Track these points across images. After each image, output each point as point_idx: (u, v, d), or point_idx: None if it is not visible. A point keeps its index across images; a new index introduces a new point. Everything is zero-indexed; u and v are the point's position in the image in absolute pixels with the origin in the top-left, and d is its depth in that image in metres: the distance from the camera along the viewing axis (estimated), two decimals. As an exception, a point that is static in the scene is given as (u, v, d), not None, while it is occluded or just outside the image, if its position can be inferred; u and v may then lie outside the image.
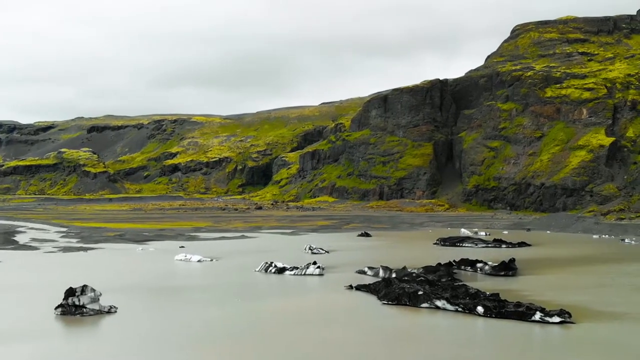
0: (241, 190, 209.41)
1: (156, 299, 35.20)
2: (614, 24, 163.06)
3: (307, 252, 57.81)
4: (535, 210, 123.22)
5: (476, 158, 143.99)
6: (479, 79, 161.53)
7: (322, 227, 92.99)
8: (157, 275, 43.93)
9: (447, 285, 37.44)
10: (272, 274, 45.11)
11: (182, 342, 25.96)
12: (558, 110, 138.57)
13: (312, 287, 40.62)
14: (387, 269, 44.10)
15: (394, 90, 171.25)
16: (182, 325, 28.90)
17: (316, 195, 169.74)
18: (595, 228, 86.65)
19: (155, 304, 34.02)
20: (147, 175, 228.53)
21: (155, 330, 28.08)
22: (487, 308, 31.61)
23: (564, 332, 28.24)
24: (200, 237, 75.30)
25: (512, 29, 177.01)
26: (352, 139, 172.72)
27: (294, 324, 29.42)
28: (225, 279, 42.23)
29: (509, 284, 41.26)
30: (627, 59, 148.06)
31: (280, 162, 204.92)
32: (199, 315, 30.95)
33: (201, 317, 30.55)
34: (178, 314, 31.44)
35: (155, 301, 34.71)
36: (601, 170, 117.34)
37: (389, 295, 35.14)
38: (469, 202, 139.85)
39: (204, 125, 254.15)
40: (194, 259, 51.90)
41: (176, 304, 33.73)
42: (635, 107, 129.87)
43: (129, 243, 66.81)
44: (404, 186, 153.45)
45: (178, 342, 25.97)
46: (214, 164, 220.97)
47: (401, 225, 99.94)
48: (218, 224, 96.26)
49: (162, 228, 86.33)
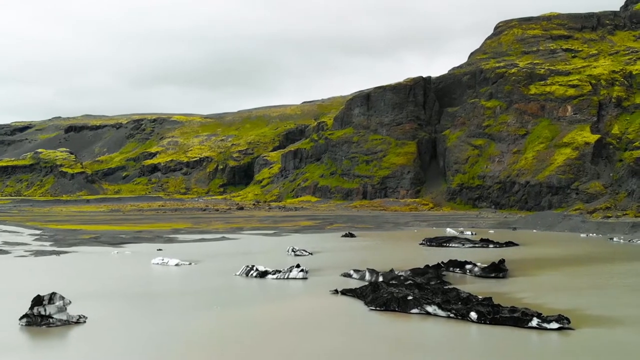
0: (222, 190, 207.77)
1: (130, 307, 33.48)
2: (598, 20, 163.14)
3: (290, 254, 56.49)
4: (520, 209, 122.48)
5: (460, 156, 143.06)
6: (463, 77, 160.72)
7: (305, 228, 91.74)
8: (132, 280, 42.31)
9: (437, 289, 36.01)
10: (254, 278, 43.58)
11: (154, 358, 24.20)
12: (542, 107, 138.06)
13: (295, 292, 39.15)
14: (374, 272, 42.88)
15: (377, 88, 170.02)
16: (156, 338, 27.04)
17: (299, 195, 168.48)
18: (582, 227, 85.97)
19: (128, 312, 32.27)
20: (125, 175, 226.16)
21: (126, 343, 26.27)
22: (481, 314, 30.29)
23: (563, 339, 26.95)
24: (179, 239, 73.58)
25: (495, 26, 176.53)
26: (334, 138, 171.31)
27: (276, 333, 27.93)
28: (204, 285, 40.56)
29: (500, 286, 40.18)
30: (612, 56, 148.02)
31: (262, 161, 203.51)
32: (175, 325, 29.15)
33: (177, 327, 28.77)
34: (152, 324, 29.61)
35: (128, 309, 32.96)
36: (587, 167, 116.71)
37: (376, 301, 33.75)
38: (453, 201, 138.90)
39: (184, 125, 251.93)
40: (172, 263, 50.24)
41: (151, 313, 31.98)
42: (620, 103, 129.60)
43: (104, 246, 64.96)
44: (388, 185, 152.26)
45: (150, 358, 24.21)
46: (195, 163, 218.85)
47: (385, 225, 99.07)
48: (198, 225, 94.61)
49: (140, 230, 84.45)
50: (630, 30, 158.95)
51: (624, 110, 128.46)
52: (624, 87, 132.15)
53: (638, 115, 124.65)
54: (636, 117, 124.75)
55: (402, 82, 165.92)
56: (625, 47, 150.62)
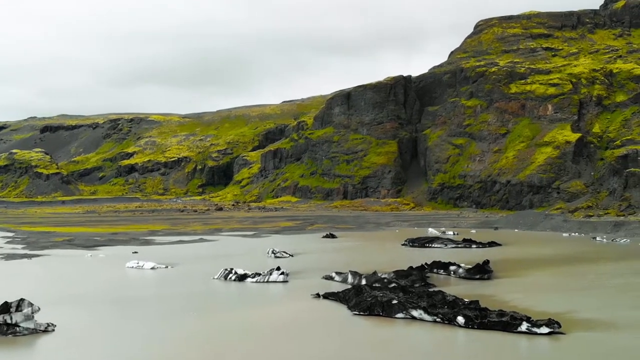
0: (201, 190, 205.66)
1: (101, 314, 31.89)
2: (578, 18, 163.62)
3: (270, 255, 55.06)
4: (501, 208, 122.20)
5: (441, 156, 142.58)
6: (443, 76, 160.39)
7: (285, 229, 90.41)
8: (105, 285, 40.63)
9: (422, 293, 34.88)
10: (232, 281, 42.15)
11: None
12: (523, 106, 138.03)
13: (276, 296, 37.86)
14: (356, 275, 41.72)
15: (358, 87, 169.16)
16: (127, 348, 25.51)
17: (279, 195, 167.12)
18: (564, 226, 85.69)
19: (99, 320, 30.67)
20: (102, 176, 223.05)
21: (95, 353, 24.73)
22: (468, 318, 29.24)
23: (554, 344, 25.94)
24: (155, 241, 71.74)
25: (475, 25, 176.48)
26: (314, 137, 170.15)
27: (256, 340, 26.66)
28: (181, 289, 38.98)
29: (485, 288, 39.26)
30: (592, 54, 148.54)
31: (241, 161, 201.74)
32: (149, 334, 27.64)
33: (151, 336, 27.26)
34: (124, 332, 28.09)
35: (100, 316, 31.37)
36: (568, 166, 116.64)
37: (360, 305, 32.53)
38: (434, 200, 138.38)
39: (162, 124, 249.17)
40: (147, 266, 48.56)
41: (123, 320, 30.45)
42: (600, 102, 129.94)
43: (78, 249, 63.12)
44: (369, 185, 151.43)
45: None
46: (173, 164, 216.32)
47: (367, 225, 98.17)
48: (175, 227, 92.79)
49: (115, 232, 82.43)
50: (610, 28, 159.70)
51: (605, 109, 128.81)
52: (604, 86, 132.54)
53: (619, 114, 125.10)
54: (617, 115, 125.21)
55: (382, 81, 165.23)
56: (606, 46, 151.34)
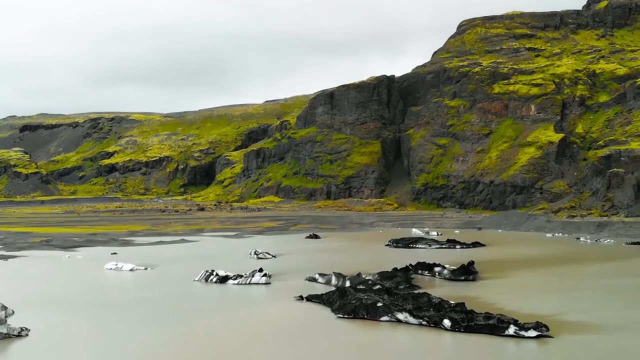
0: (183, 190, 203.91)
1: (78, 318, 30.86)
2: (561, 19, 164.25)
3: (253, 257, 54.18)
4: (484, 208, 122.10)
5: (424, 156, 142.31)
6: (426, 76, 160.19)
7: (268, 229, 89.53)
8: (82, 287, 39.56)
9: (407, 295, 34.21)
10: (214, 283, 41.25)
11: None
12: (506, 106, 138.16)
13: (258, 298, 36.98)
14: (340, 276, 40.95)
15: (341, 86, 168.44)
16: (104, 353, 24.57)
17: (261, 195, 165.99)
18: (547, 226, 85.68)
19: (75, 323, 29.68)
20: (82, 175, 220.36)
21: (71, 359, 23.64)
22: (455, 321, 28.58)
23: (542, 348, 25.38)
24: (135, 242, 70.56)
25: (459, 25, 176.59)
26: (298, 137, 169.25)
27: (237, 344, 25.88)
28: (160, 291, 38.01)
29: (471, 289, 38.71)
30: (575, 55, 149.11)
31: (223, 161, 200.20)
32: (126, 338, 26.68)
33: (128, 341, 26.31)
34: (101, 337, 27.09)
35: (76, 320, 30.38)
36: (551, 167, 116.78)
37: (344, 308, 31.74)
38: (417, 200, 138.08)
39: (143, 124, 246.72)
40: (126, 268, 47.46)
41: (100, 324, 29.40)
42: (583, 102, 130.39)
43: (55, 250, 61.81)
44: (352, 185, 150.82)
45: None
46: (154, 163, 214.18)
47: (350, 225, 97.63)
48: (156, 227, 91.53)
49: (94, 232, 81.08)
50: (593, 29, 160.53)
51: (588, 109, 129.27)
52: (587, 86, 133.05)
53: (601, 114, 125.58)
54: (599, 116, 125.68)
55: (366, 80, 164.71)
56: (588, 46, 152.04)
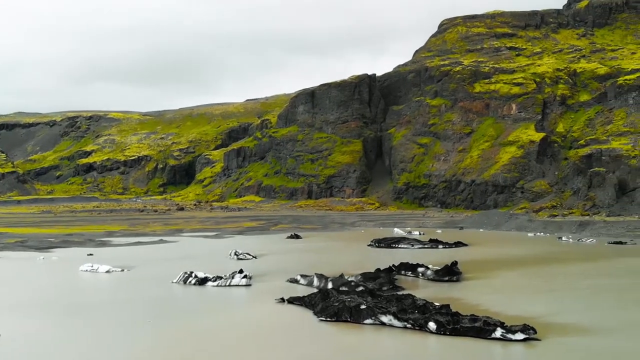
0: (162, 190, 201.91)
1: (50, 322, 29.71)
2: (542, 18, 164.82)
3: (233, 257, 53.15)
4: (466, 207, 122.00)
5: (406, 155, 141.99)
6: (408, 75, 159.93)
7: (248, 229, 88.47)
8: (56, 290, 38.41)
9: (391, 297, 33.50)
10: (192, 285, 40.17)
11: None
12: (487, 105, 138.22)
13: (238, 301, 36.06)
14: (322, 277, 40.13)
15: (322, 85, 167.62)
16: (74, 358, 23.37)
17: (242, 195, 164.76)
18: (529, 226, 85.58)
19: (47, 328, 28.55)
20: (59, 175, 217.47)
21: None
22: (440, 324, 27.89)
23: (530, 351, 24.80)
24: (112, 242, 69.15)
25: (440, 24, 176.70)
26: (278, 136, 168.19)
27: (216, 348, 24.99)
28: (137, 294, 36.93)
29: (455, 290, 38.12)
30: (555, 54, 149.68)
31: (203, 160, 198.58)
32: (100, 343, 25.57)
33: (102, 346, 25.20)
34: (73, 342, 26.00)
35: (48, 324, 29.23)
36: (532, 166, 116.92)
37: (327, 310, 30.91)
38: (399, 200, 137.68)
39: (122, 122, 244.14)
40: (102, 270, 46.19)
41: (73, 329, 28.30)
42: (564, 101, 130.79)
43: (30, 251, 60.25)
44: (334, 184, 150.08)
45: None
46: (133, 162, 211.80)
47: (332, 225, 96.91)
48: (134, 228, 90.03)
49: (71, 233, 79.40)
50: (574, 28, 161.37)
51: (569, 109, 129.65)
52: (568, 85, 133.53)
53: (582, 114, 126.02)
54: (580, 115, 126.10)
55: (347, 79, 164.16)
56: (569, 45, 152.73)
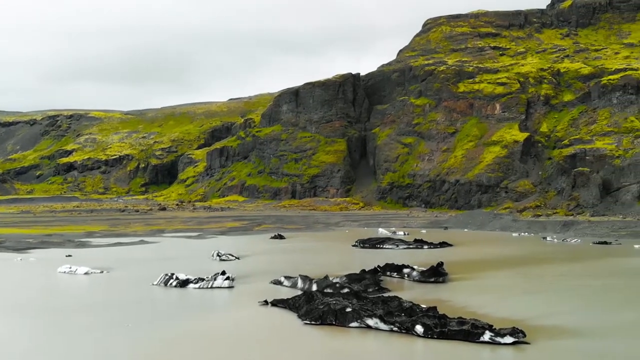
0: (144, 190, 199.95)
1: (24, 326, 28.73)
2: (525, 18, 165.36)
3: (215, 258, 52.22)
4: (450, 207, 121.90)
5: (390, 155, 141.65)
6: (392, 74, 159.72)
7: (231, 229, 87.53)
8: (32, 292, 37.28)
9: (377, 299, 32.80)
10: (173, 288, 39.14)
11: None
12: (471, 105, 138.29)
13: (220, 303, 35.19)
14: (307, 279, 39.35)
15: (306, 84, 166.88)
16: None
17: (225, 195, 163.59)
18: (513, 226, 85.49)
19: (22, 332, 27.58)
20: (39, 174, 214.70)
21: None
22: (427, 327, 27.22)
23: (519, 355, 24.27)
24: (92, 243, 67.82)
25: (424, 23, 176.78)
26: (262, 135, 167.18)
27: (197, 352, 24.13)
28: (116, 296, 35.90)
29: (441, 292, 37.52)
30: (539, 54, 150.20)
31: (186, 159, 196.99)
32: (76, 349, 24.58)
33: (78, 351, 24.22)
34: (48, 346, 24.98)
35: (22, 328, 28.26)
36: (516, 166, 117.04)
37: (311, 314, 30.13)
38: (383, 200, 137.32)
39: (103, 121, 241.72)
40: (80, 271, 45.05)
41: (49, 333, 27.29)
42: (548, 101, 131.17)
43: (7, 252, 58.80)
44: (317, 184, 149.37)
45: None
46: (114, 162, 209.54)
47: (316, 225, 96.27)
48: (115, 228, 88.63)
49: (50, 233, 77.83)
50: (557, 28, 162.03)
51: (552, 108, 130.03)
52: (552, 85, 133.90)
53: (566, 113, 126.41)
54: (564, 115, 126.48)
55: (331, 78, 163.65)
56: (553, 45, 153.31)
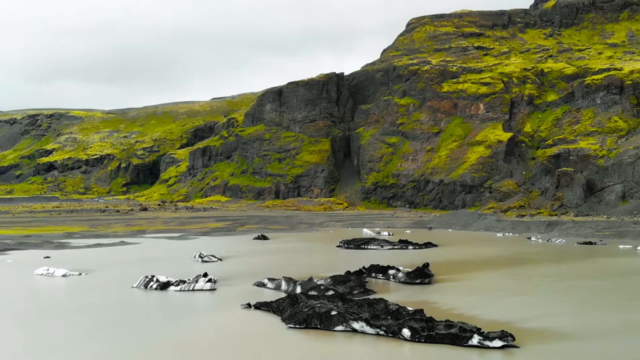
0: (125, 190, 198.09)
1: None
2: (509, 18, 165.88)
3: (197, 260, 51.29)
4: (434, 207, 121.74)
5: (374, 154, 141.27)
6: (376, 73, 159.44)
7: (214, 230, 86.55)
8: (8, 295, 36.15)
9: (362, 301, 32.12)
10: (154, 290, 38.25)
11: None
12: (455, 105, 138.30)
13: (202, 306, 34.29)
14: (291, 281, 38.59)
15: (290, 83, 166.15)
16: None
17: (208, 195, 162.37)
18: (497, 226, 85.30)
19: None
20: (19, 174, 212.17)
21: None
22: (414, 330, 26.57)
23: (508, 359, 23.68)
24: (71, 244, 66.54)
25: (408, 23, 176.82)
26: (245, 135, 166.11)
27: (177, 358, 23.22)
28: (94, 300, 34.85)
29: (427, 293, 36.93)
30: (523, 54, 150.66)
31: (168, 159, 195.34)
32: (52, 355, 23.57)
33: (52, 357, 23.23)
34: (22, 353, 23.95)
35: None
36: (499, 166, 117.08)
37: (295, 317, 29.39)
38: (367, 200, 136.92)
39: (84, 120, 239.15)
40: (58, 273, 43.92)
41: (21, 337, 26.30)
42: (532, 101, 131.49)
43: (-17, 254, 57.36)
44: (301, 184, 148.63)
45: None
46: (95, 161, 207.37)
47: (300, 225, 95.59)
48: (95, 229, 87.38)
49: (28, 234, 76.48)
50: (541, 28, 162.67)
51: (536, 108, 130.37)
52: (535, 85, 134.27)
53: (550, 113, 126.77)
54: (548, 115, 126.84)
55: (315, 77, 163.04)
56: (536, 45, 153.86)
